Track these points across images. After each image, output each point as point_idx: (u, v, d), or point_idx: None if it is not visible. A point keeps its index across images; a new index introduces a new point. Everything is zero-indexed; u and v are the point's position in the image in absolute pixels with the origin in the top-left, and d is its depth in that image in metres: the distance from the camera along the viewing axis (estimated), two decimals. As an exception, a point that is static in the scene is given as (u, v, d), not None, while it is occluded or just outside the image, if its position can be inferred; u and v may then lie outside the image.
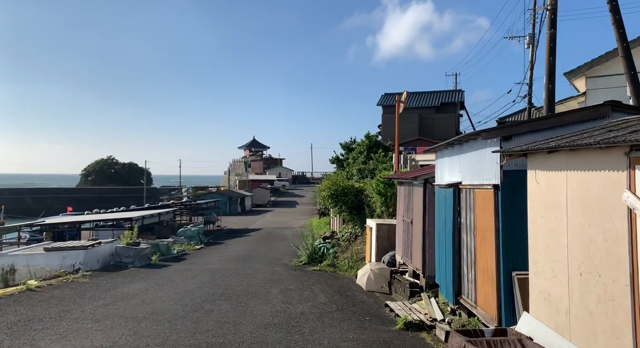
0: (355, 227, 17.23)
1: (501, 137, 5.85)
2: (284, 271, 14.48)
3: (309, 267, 15.60)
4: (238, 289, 10.84)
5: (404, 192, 11.44)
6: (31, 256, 12.90)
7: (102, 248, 14.49)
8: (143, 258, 15.02)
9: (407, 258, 10.98)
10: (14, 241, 20.04)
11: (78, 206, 46.48)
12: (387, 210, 15.46)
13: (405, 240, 11.12)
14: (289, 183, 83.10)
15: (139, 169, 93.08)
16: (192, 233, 24.89)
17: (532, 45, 28.43)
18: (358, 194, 17.39)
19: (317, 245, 17.51)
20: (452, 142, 7.83)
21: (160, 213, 25.47)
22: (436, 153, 9.28)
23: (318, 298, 10.06)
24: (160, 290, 10.42)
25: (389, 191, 15.10)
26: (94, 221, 24.60)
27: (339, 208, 17.20)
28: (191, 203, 35.23)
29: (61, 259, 13.02)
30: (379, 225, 12.68)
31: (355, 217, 17.06)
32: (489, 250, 6.22)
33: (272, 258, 18.47)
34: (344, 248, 16.95)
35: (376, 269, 11.45)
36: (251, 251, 20.90)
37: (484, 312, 6.40)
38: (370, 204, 16.47)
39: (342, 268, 14.82)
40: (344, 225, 18.47)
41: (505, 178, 5.87)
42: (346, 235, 17.22)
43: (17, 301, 8.52)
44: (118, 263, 14.39)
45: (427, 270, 9.62)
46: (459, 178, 7.61)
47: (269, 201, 59.27)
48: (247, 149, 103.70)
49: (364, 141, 28.89)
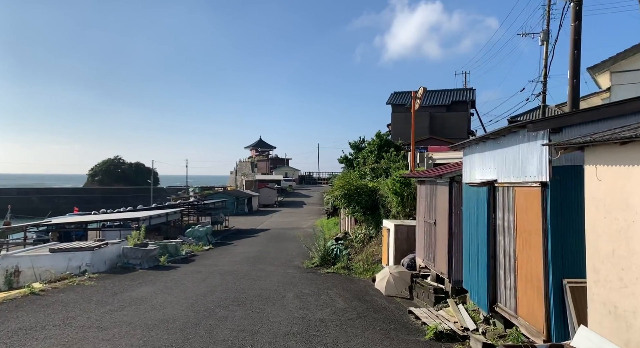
0: (369, 228, 16.64)
1: (550, 129, 5.25)
2: (297, 274, 13.94)
3: (322, 269, 15.05)
4: (251, 293, 10.31)
5: (425, 191, 10.85)
6: (36, 257, 12.46)
7: (109, 249, 14.03)
8: (151, 260, 14.55)
9: (429, 261, 10.39)
10: (21, 242, 19.66)
11: (85, 206, 46.32)
12: (404, 210, 14.87)
13: (427, 242, 10.53)
14: (296, 183, 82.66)
15: (145, 169, 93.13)
16: (200, 233, 24.45)
17: (546, 42, 27.71)
18: (372, 194, 16.81)
19: (330, 247, 16.96)
20: (486, 137, 7.24)
21: (168, 213, 25.05)
22: (464, 149, 8.69)
23: (336, 304, 9.50)
24: (170, 294, 9.91)
25: (405, 191, 14.50)
26: (101, 221, 24.23)
27: (352, 208, 16.64)
28: (199, 203, 34.82)
29: (67, 260, 12.57)
30: (397, 226, 12.10)
31: (369, 218, 16.48)
32: (534, 254, 5.63)
33: (283, 259, 17.95)
34: (358, 249, 16.38)
35: (396, 273, 10.86)
36: (261, 252, 20.40)
37: (527, 322, 5.81)
38: (385, 205, 15.88)
39: (357, 271, 14.26)
40: (357, 225, 17.90)
41: (555, 175, 5.28)
42: (360, 236, 16.65)
43: (20, 307, 8.04)
44: (126, 265, 13.93)
45: (453, 274, 9.02)
46: (493, 176, 7.02)
47: (275, 202, 58.87)
48: (254, 149, 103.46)
49: (375, 140, 28.28)
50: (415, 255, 11.64)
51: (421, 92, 15.73)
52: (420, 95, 15.70)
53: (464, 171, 8.53)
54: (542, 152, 5.41)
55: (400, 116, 38.93)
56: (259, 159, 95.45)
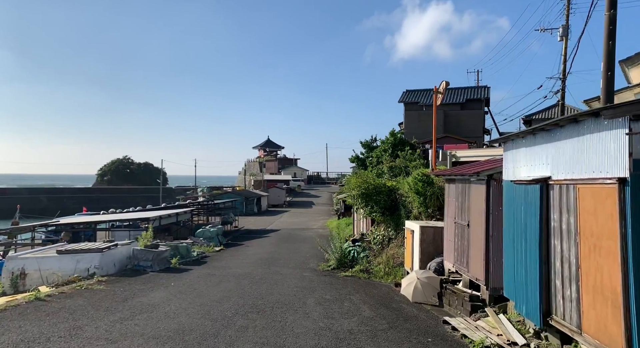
0: (388, 229, 15.90)
1: (631, 116, 4.50)
2: (314, 278, 13.25)
3: (339, 273, 14.35)
4: (270, 299, 9.63)
5: (455, 191, 10.09)
6: (43, 259, 11.90)
7: (119, 250, 13.45)
8: (162, 262, 13.94)
9: (461, 266, 9.64)
10: (29, 242, 19.19)
11: (94, 206, 46.05)
12: (426, 211, 14.12)
13: (459, 246, 9.78)
14: (304, 183, 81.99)
15: (154, 169, 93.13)
16: (211, 234, 23.86)
17: (566, 37, 26.75)
18: (390, 194, 16.06)
19: (346, 248, 16.25)
20: (536, 128, 6.48)
21: (178, 213, 24.50)
22: (505, 144, 7.93)
23: (362, 312, 8.79)
24: (184, 299, 9.27)
25: (428, 190, 13.75)
26: (110, 221, 23.73)
27: (370, 208, 15.91)
28: (208, 203, 34.28)
29: (75, 263, 12.00)
30: (423, 227, 11.35)
31: (389, 218, 15.75)
32: (606, 262, 4.87)
33: (297, 261, 17.28)
34: (377, 252, 15.64)
35: (424, 278, 10.12)
36: (273, 253, 19.74)
37: (596, 341, 5.04)
38: (405, 205, 15.14)
39: (377, 275, 13.53)
40: (375, 226, 17.17)
41: (636, 170, 4.52)
42: (378, 237, 15.92)
43: (23, 315, 7.44)
44: (136, 267, 13.33)
45: (491, 280, 8.27)
46: (545, 172, 6.26)
47: (284, 202, 58.29)
48: (262, 149, 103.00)
49: (389, 139, 27.50)
50: (443, 258, 10.90)
51: (443, 86, 14.96)
52: (443, 90, 14.93)
53: (506, 167, 7.78)
54: (619, 143, 4.65)
55: (413, 114, 38.13)
56: (267, 159, 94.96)
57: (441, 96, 15.06)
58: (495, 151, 13.96)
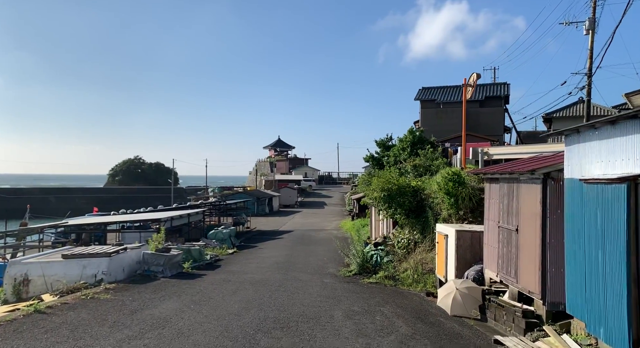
0: (413, 232, 14.85)
1: None
2: (337, 285, 12.28)
3: (362, 279, 13.36)
4: (293, 311, 8.69)
5: (500, 191, 9.03)
6: (47, 264, 11.11)
7: (128, 254, 12.62)
8: (174, 267, 13.09)
9: (507, 275, 8.58)
10: (37, 245, 18.52)
11: (105, 206, 45.68)
12: (457, 213, 13.05)
13: (504, 253, 8.72)
14: (315, 183, 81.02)
15: (165, 169, 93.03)
16: (223, 235, 23.04)
17: (592, 30, 25.39)
18: (416, 195, 15.01)
19: (368, 252, 15.25)
20: (620, 117, 5.42)
21: (190, 213, 23.71)
22: (566, 137, 6.86)
23: (398, 328, 7.80)
24: (199, 312, 8.36)
25: (460, 191, 12.69)
26: (120, 222, 23.03)
27: (394, 210, 14.89)
28: (220, 203, 33.51)
29: (81, 268, 11.19)
30: (459, 232, 10.30)
31: (414, 221, 14.70)
32: None
33: (315, 266, 16.34)
34: (401, 257, 14.60)
35: (463, 289, 9.08)
36: (289, 257, 18.83)
37: None
38: (432, 206, 14.08)
39: (404, 282, 12.50)
40: (398, 229, 16.13)
41: None
42: (403, 241, 14.88)
43: (19, 332, 6.58)
44: (146, 273, 12.49)
45: (549, 294, 7.21)
46: (632, 169, 5.21)
47: (296, 202, 57.44)
48: (272, 149, 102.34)
49: (407, 137, 26.39)
50: (482, 266, 9.84)
51: (474, 79, 13.88)
52: (474, 82, 13.86)
53: (569, 164, 6.72)
54: None
55: (431, 111, 36.94)
56: (277, 159, 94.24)
57: (472, 89, 13.98)
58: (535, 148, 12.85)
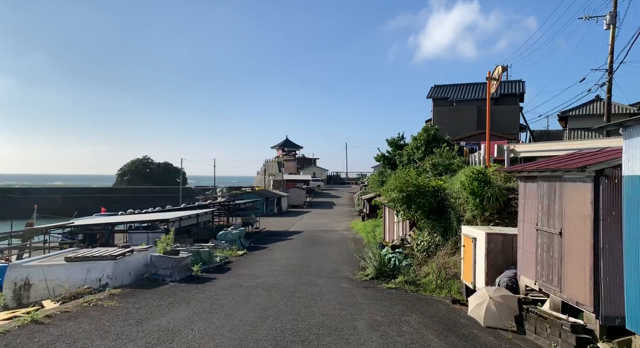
0: (433, 235, 14.06)
1: None
2: (355, 290, 11.54)
3: (380, 283, 12.62)
4: (312, 321, 7.97)
5: (538, 190, 8.23)
6: (49, 268, 10.50)
7: (135, 257, 11.99)
8: (183, 270, 12.44)
9: (548, 283, 7.78)
10: (42, 246, 18.00)
11: (113, 206, 45.36)
12: (482, 214, 12.25)
13: (544, 258, 7.92)
14: (324, 183, 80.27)
15: (173, 169, 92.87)
16: (233, 236, 22.40)
17: (613, 25, 24.37)
18: (436, 195, 14.22)
19: (385, 255, 14.49)
20: None
21: (199, 214, 23.11)
22: (625, 129, 6.06)
23: (429, 342, 7.04)
24: (210, 322, 7.67)
25: (486, 191, 11.89)
26: (128, 222, 22.48)
27: (413, 211, 14.11)
28: (230, 204, 32.91)
29: (85, 272, 10.57)
30: (490, 235, 9.50)
31: (434, 223, 13.90)
32: None
33: (328, 269, 15.62)
34: (421, 260, 13.82)
35: (497, 297, 8.30)
36: (301, 259, 18.14)
37: None
38: (455, 207, 13.28)
39: (427, 288, 11.73)
40: (417, 231, 15.34)
41: None
42: (423, 244, 14.09)
43: (10, 347, 5.94)
44: (154, 276, 11.85)
45: (603, 307, 6.40)
46: None
47: (305, 202, 56.78)
48: (280, 149, 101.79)
49: (422, 135, 25.55)
50: (516, 272, 9.04)
51: (499, 72, 13.06)
52: (499, 75, 13.03)
53: (629, 159, 5.91)
54: None
55: (443, 110, 36.05)
56: (285, 159, 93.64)
57: (497, 83, 13.15)
58: (571, 144, 11.99)
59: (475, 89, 37.60)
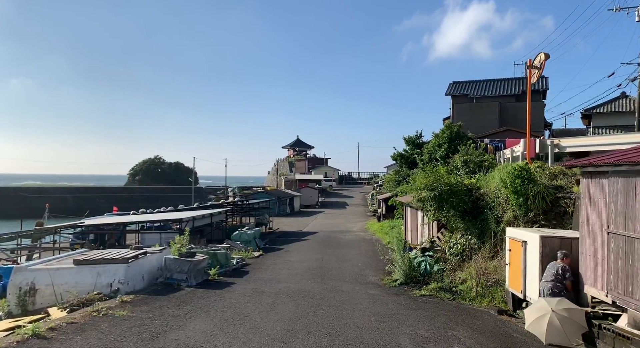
0: (467, 237, 12.99)
1: None
2: (387, 298, 10.54)
3: (412, 290, 11.62)
4: (348, 336, 7.00)
5: (609, 188, 7.15)
6: (57, 271, 9.69)
7: (148, 260, 11.14)
8: (199, 273, 11.57)
9: (625, 296, 6.70)
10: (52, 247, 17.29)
11: (125, 206, 44.89)
12: (525, 215, 11.15)
13: (620, 266, 6.84)
14: (336, 183, 79.26)
15: (185, 168, 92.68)
16: (248, 237, 21.55)
17: (646, 16, 23.01)
18: (470, 194, 13.15)
19: (413, 258, 13.46)
20: None
21: (213, 213, 22.26)
22: None
23: (491, 364, 6.02)
24: (235, 336, 6.75)
25: (531, 189, 10.79)
26: (140, 222, 21.73)
27: (445, 212, 13.06)
28: (243, 203, 32.10)
29: (95, 275, 9.74)
30: (545, 238, 8.43)
31: (469, 224, 12.84)
32: None
33: (351, 273, 14.64)
34: (455, 265, 12.76)
35: (562, 310, 7.23)
36: (321, 262, 17.19)
37: None
38: (493, 207, 12.19)
39: (466, 296, 10.67)
40: (447, 233, 14.28)
41: None
42: (456, 247, 13.04)
43: (7, 369, 5.11)
44: (168, 280, 10.98)
45: None
46: None
47: (317, 202, 55.87)
48: (291, 149, 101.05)
49: (444, 132, 24.41)
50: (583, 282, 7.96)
51: (541, 59, 11.95)
52: (541, 64, 11.92)
53: None
54: None
55: (463, 106, 34.83)
56: (297, 159, 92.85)
57: (538, 73, 12.04)
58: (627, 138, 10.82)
59: (497, 86, 36.34)
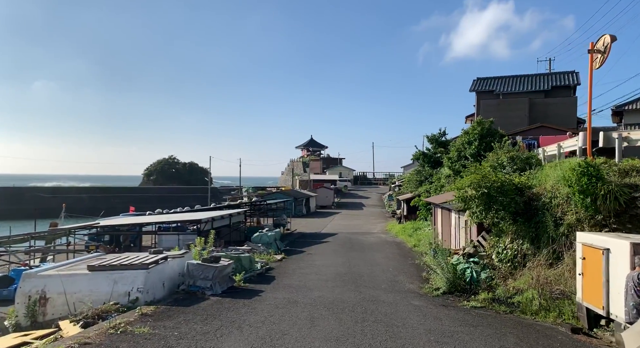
0: (519, 241, 11.67)
1: None
2: (435, 311, 9.31)
3: (459, 301, 10.40)
4: (412, 363, 5.81)
5: None
6: (70, 278, 8.69)
7: (170, 265, 10.11)
8: (224, 280, 10.49)
9: None
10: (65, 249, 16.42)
11: (141, 206, 44.36)
12: (592, 218, 9.82)
13: None
14: (351, 184, 77.98)
15: (199, 168, 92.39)
16: (269, 238, 20.48)
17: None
18: (521, 193, 11.84)
19: (456, 264, 12.20)
20: None
21: (232, 214, 21.26)
22: None
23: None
24: (277, 363, 5.63)
25: (600, 188, 9.46)
26: (156, 223, 20.82)
27: (494, 213, 11.77)
28: (261, 203, 31.09)
29: (112, 283, 8.72)
30: (637, 245, 7.13)
31: (522, 227, 11.53)
32: None
33: (385, 279, 13.46)
34: (505, 272, 11.46)
35: (671, 333, 5.94)
36: (348, 266, 16.03)
37: None
38: (551, 208, 10.86)
39: (526, 309, 9.37)
40: (492, 237, 12.97)
41: None
42: (506, 253, 11.74)
43: None
44: (191, 288, 9.93)
45: None
46: None
47: (333, 203, 54.71)
48: (305, 149, 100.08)
49: (475, 128, 22.98)
50: None
51: (606, 42, 10.60)
52: (607, 48, 10.58)
53: None
54: None
55: (490, 103, 33.28)
56: (311, 159, 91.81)
57: (602, 57, 10.69)
58: None
59: (524, 81, 34.71)
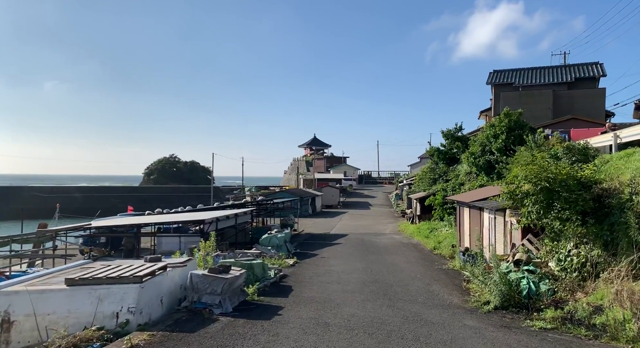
0: (587, 247, 9.76)
1: None
2: (501, 336, 7.43)
3: (519, 319, 8.55)
4: None
5: None
6: (42, 296, 6.79)
7: (169, 276, 8.22)
8: (235, 294, 8.60)
9: None
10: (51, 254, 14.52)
11: (140, 206, 42.56)
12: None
13: None
14: (356, 183, 76.05)
15: (200, 167, 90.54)
16: (278, 241, 18.59)
17: None
18: (588, 189, 9.94)
19: (508, 273, 10.28)
20: None
21: (237, 214, 19.36)
22: None
23: None
24: None
25: None
26: (156, 224, 18.94)
27: (556, 212, 9.85)
28: (268, 203, 29.19)
29: (95, 302, 6.83)
30: None
31: (592, 229, 9.62)
32: None
33: (418, 289, 11.62)
34: (572, 284, 9.54)
35: None
36: (369, 272, 14.18)
37: None
38: (631, 208, 8.95)
39: (616, 334, 7.46)
40: (547, 242, 11.06)
41: None
42: (572, 261, 9.83)
43: None
44: (196, 306, 8.04)
45: None
46: None
47: (339, 202, 52.85)
48: (308, 148, 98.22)
49: (502, 120, 21.07)
50: None
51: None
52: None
53: None
54: None
55: (510, 95, 31.32)
56: (314, 158, 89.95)
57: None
58: None
59: (545, 73, 32.75)
